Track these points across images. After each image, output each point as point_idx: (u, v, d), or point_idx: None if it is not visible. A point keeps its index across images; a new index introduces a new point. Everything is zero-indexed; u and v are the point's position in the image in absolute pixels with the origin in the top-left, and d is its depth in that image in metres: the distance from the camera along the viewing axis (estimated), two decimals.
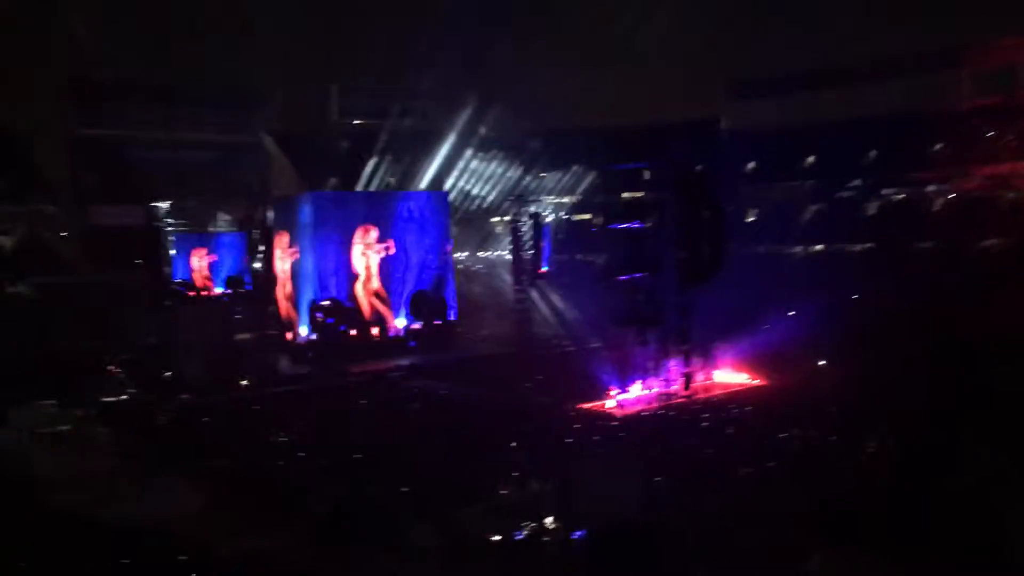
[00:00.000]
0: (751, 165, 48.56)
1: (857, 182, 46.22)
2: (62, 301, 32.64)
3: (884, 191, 45.64)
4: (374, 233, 38.38)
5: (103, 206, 39.71)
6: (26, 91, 39.01)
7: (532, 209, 41.83)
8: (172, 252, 35.84)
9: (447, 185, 46.43)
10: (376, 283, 38.29)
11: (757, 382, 29.88)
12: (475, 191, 48.27)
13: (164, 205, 32.03)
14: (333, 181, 46.39)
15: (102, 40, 40.37)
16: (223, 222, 44.13)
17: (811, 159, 47.79)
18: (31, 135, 39.96)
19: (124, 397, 28.68)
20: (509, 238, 41.61)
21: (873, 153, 45.95)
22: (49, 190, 40.49)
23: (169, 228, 32.93)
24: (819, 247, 44.70)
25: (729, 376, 30.43)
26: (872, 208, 45.35)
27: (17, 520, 17.33)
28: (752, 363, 30.31)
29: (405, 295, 38.71)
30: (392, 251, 38.49)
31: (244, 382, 32.14)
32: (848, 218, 44.50)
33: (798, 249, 45.12)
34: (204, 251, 40.34)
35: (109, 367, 30.39)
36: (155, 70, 42.93)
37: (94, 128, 42.80)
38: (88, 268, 35.96)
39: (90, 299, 31.98)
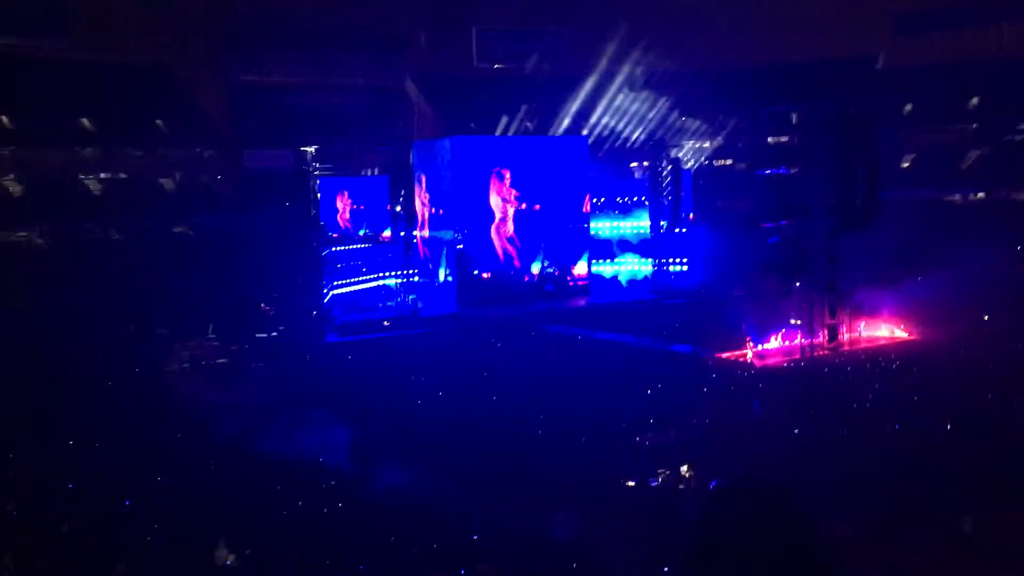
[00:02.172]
0: (909, 107, 45.70)
1: None
2: (219, 241, 34.40)
3: None
4: (510, 177, 38.49)
5: (255, 150, 41.32)
6: (188, 35, 40.81)
7: (672, 153, 40.92)
8: (318, 195, 36.94)
9: (587, 127, 45.94)
10: (510, 227, 38.48)
11: (908, 336, 28.54)
12: (615, 132, 47.54)
13: (311, 149, 32.95)
14: (472, 126, 46.67)
15: None
16: (367, 167, 45.24)
17: (975, 100, 44.52)
18: (191, 79, 41.80)
19: (275, 334, 30.10)
20: (648, 183, 40.90)
21: None
22: (207, 134, 42.43)
23: (316, 172, 33.88)
24: (981, 194, 41.85)
25: (878, 329, 29.19)
26: None
27: (179, 448, 18.61)
28: (905, 316, 28.92)
29: (542, 240, 38.78)
30: (527, 193, 38.57)
31: (386, 323, 33.23)
32: (1015, 163, 41.36)
33: (957, 197, 42.40)
34: (347, 195, 41.58)
35: (262, 305, 31.90)
36: (302, 11, 43.92)
37: (247, 73, 44.40)
38: (242, 210, 37.63)
39: (244, 240, 33.54)
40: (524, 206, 38.46)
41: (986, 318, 27.97)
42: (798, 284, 27.41)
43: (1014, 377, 21.34)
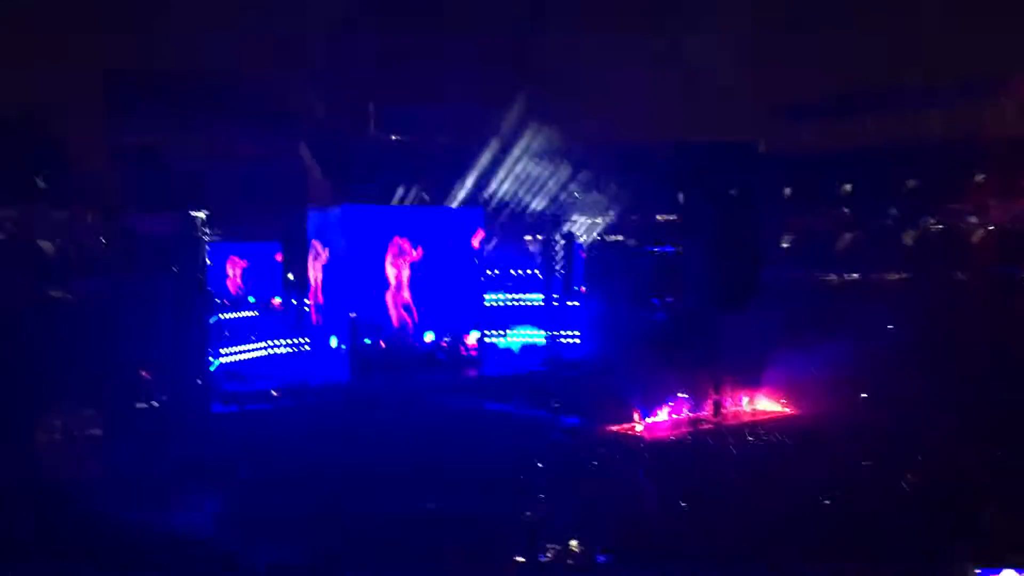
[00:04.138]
0: (788, 190, 48.12)
1: (895, 211, 45.61)
2: (99, 306, 33.02)
3: (922, 220, 44.97)
4: (405, 246, 38.61)
5: (142, 213, 40.21)
6: (72, 96, 39.70)
7: (565, 228, 41.83)
8: (207, 261, 36.07)
9: (482, 199, 46.58)
10: (406, 295, 38.42)
11: (789, 410, 29.52)
12: (511, 204, 48.33)
13: (202, 214, 32.35)
14: (368, 194, 46.68)
15: (144, 41, 40.89)
16: (259, 231, 44.50)
17: (848, 186, 47.26)
18: (77, 140, 40.63)
19: (156, 404, 28.93)
20: (541, 256, 41.63)
21: (912, 182, 45.34)
22: (91, 196, 41.11)
23: (206, 237, 33.21)
24: (856, 275, 44.11)
25: (760, 403, 30.10)
26: (909, 238, 44.70)
27: (47, 518, 17.54)
28: (784, 390, 29.95)
29: (435, 309, 38.79)
30: (421, 263, 38.72)
31: (274, 392, 32.36)
32: (885, 247, 43.90)
33: (833, 276, 44.56)
34: (238, 260, 40.74)
35: (142, 372, 30.64)
36: (196, 76, 43.39)
37: (135, 134, 43.38)
38: (126, 274, 36.37)
39: (127, 305, 32.33)
40: (417, 255, 38.63)
41: (863, 396, 29.22)
42: (684, 359, 28.13)
43: (886, 452, 22.28)
